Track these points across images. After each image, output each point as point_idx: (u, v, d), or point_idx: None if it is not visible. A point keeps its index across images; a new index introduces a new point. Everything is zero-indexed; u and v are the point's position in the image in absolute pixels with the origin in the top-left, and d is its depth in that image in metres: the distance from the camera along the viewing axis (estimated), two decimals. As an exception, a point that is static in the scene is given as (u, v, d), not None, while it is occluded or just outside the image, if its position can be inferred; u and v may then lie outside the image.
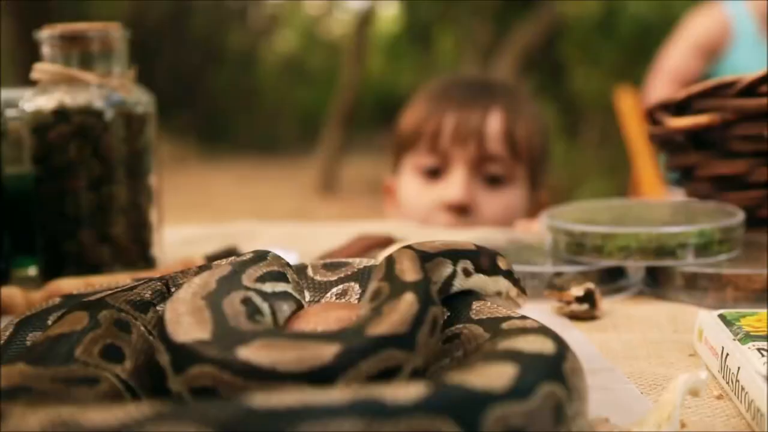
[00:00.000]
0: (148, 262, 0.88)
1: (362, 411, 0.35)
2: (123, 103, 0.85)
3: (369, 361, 0.42)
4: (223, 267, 0.51)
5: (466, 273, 0.58)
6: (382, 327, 0.43)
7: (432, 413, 0.35)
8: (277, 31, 10.95)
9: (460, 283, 0.57)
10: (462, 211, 1.37)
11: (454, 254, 0.57)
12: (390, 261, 0.53)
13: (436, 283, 0.56)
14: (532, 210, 1.44)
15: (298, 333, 0.48)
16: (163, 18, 9.28)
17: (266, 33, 10.65)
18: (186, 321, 0.44)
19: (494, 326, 0.50)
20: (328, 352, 0.41)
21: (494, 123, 1.40)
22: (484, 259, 0.59)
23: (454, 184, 1.38)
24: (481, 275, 0.59)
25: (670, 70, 3.13)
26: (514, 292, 0.61)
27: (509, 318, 0.51)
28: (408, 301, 0.46)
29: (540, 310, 0.75)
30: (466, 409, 0.36)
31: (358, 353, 0.42)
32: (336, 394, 0.35)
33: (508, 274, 0.60)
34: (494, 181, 1.40)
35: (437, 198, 1.40)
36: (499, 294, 0.60)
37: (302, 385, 0.40)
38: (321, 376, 0.41)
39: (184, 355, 0.42)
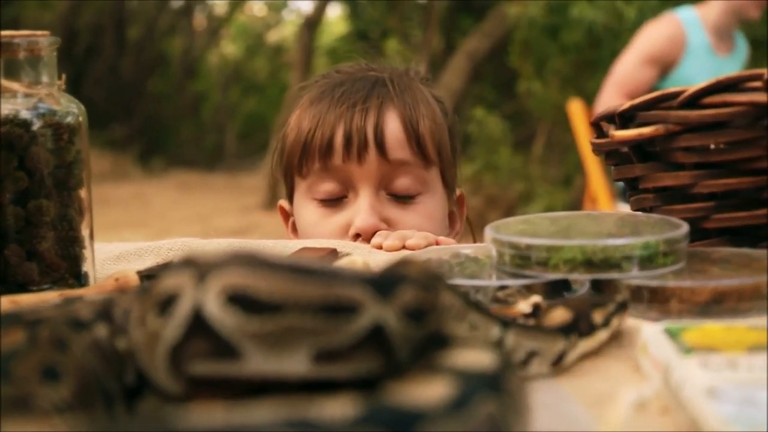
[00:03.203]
0: (79, 279, 0.85)
1: (292, 430, 0.33)
2: (51, 113, 0.82)
3: None
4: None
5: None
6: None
7: None
8: (221, 35, 10.85)
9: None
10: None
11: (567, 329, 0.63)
12: None
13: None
14: (451, 215, 1.29)
15: None
16: (100, 22, 9.09)
17: (209, 37, 10.53)
18: (346, 271, 0.44)
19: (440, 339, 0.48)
20: None
21: (393, 125, 1.17)
22: (582, 323, 0.64)
23: (359, 211, 1.16)
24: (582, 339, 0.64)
25: (622, 81, 3.16)
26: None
27: (454, 331, 0.50)
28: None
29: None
30: (398, 429, 0.35)
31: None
32: (266, 414, 0.34)
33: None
34: (406, 196, 1.19)
35: (343, 225, 1.17)
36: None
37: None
38: None
39: (392, 281, 0.44)
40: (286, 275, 0.41)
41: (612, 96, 3.07)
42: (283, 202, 1.32)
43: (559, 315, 0.65)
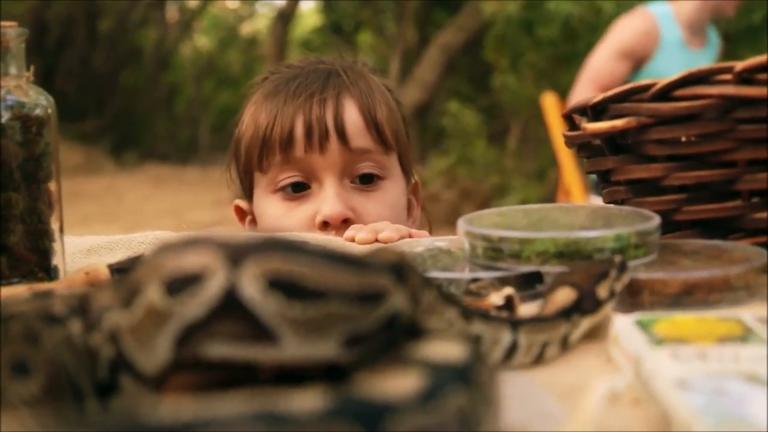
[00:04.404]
0: (49, 272, 0.84)
1: (261, 423, 0.33)
2: (20, 105, 0.81)
3: None
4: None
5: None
6: None
7: (333, 425, 0.34)
8: (194, 27, 10.76)
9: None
10: (343, 226, 1.15)
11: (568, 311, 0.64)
12: None
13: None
14: (408, 203, 1.29)
15: None
16: (71, 14, 8.98)
17: (182, 30, 10.43)
18: (367, 258, 0.46)
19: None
20: None
21: (352, 113, 1.18)
22: (587, 302, 0.65)
23: (325, 199, 1.16)
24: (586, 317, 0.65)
25: (595, 75, 3.16)
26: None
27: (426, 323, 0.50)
28: None
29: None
30: (367, 422, 0.34)
31: None
32: (235, 406, 0.34)
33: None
34: (369, 182, 1.19)
35: (309, 216, 1.17)
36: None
37: None
38: None
39: (403, 268, 0.46)
40: (326, 262, 0.41)
41: (585, 90, 3.08)
42: (240, 202, 1.30)
43: (563, 295, 0.65)
